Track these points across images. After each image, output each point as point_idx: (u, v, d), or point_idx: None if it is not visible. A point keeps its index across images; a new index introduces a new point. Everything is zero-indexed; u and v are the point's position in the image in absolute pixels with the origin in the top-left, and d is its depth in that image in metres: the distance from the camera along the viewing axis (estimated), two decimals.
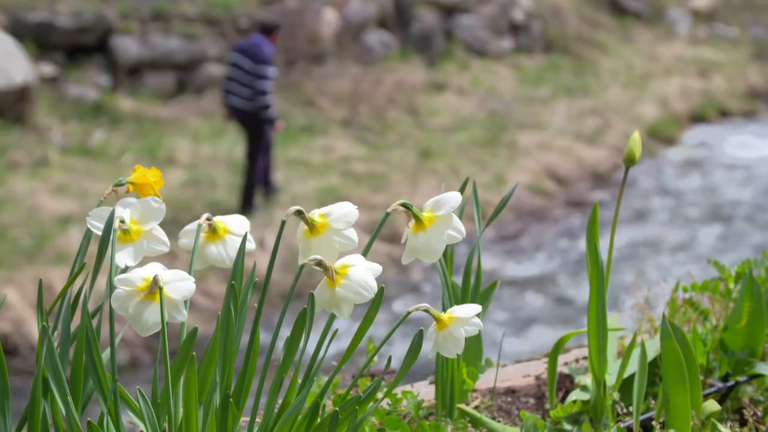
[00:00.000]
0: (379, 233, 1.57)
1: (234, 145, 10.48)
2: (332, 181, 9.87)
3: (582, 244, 7.08)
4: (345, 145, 11.16)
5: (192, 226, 1.59)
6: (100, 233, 1.48)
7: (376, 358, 1.95)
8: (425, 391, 2.03)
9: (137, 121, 10.92)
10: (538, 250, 8.92)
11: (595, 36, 17.71)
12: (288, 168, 10.12)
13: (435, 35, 15.06)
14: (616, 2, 19.34)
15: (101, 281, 1.47)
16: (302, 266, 1.47)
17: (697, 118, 14.63)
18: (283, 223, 1.49)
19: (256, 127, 9.05)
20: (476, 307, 1.52)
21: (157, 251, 1.58)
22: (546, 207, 10.14)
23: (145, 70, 11.73)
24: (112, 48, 11.63)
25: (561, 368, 2.11)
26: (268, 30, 9.27)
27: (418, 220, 1.51)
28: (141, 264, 1.49)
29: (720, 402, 1.93)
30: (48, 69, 11.14)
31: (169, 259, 6.24)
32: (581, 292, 7.34)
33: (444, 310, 1.54)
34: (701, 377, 1.89)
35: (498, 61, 15.75)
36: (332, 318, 1.53)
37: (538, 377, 2.15)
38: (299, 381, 1.53)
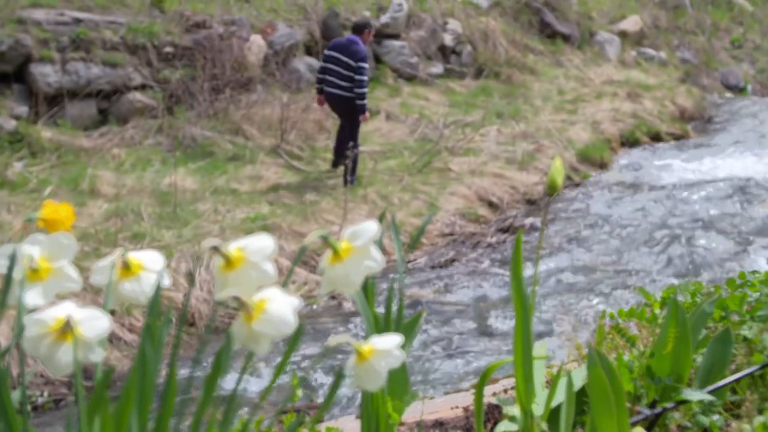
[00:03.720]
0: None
1: (160, 175, 10.35)
2: (261, 210, 9.77)
3: None
4: (274, 173, 11.09)
5: (105, 263, 1.53)
6: (5, 272, 1.42)
7: (300, 393, 1.90)
8: (351, 426, 1.99)
9: (58, 151, 10.70)
10: (471, 277, 8.89)
11: (526, 60, 17.90)
12: (215, 197, 10.01)
13: None
14: (546, 26, 19.59)
15: (11, 320, 1.42)
16: (220, 302, 1.43)
17: (629, 141, 14.82)
18: (199, 258, 1.44)
19: (352, 111, 10.67)
20: (397, 339, 1.48)
21: (68, 289, 1.52)
22: (479, 233, 10.14)
23: (65, 99, 11.44)
24: (30, 76, 11.36)
25: (490, 398, 2.09)
26: (360, 29, 10.91)
27: (335, 252, 1.47)
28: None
29: (648, 429, 1.91)
30: None
31: (93, 295, 6.13)
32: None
33: None
34: (629, 404, 1.88)
35: (428, 86, 15.82)
36: (251, 354, 1.48)
37: (466, 408, 2.12)
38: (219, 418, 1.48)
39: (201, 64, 12.48)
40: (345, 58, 10.60)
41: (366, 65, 10.63)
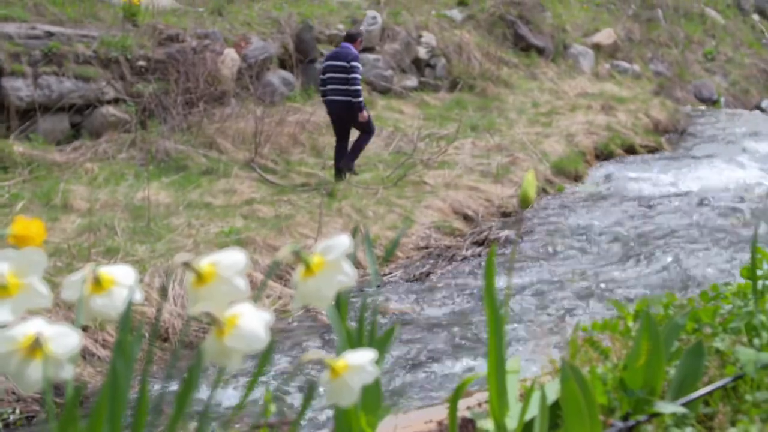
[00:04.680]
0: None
1: (133, 189, 10.29)
2: (236, 224, 9.73)
3: None
4: (248, 187, 11.06)
5: (75, 278, 1.51)
6: None
7: (273, 408, 1.89)
8: None
9: (30, 166, 10.61)
10: (447, 291, 8.88)
11: (500, 73, 17.98)
12: (189, 212, 9.96)
13: None
14: (520, 38, 19.69)
15: None
16: (192, 316, 1.42)
17: (603, 153, 14.92)
18: (172, 274, 1.43)
19: (354, 114, 11.34)
20: (370, 354, 1.48)
21: (38, 305, 1.50)
22: (454, 246, 10.13)
23: (38, 113, 11.33)
24: (2, 90, 11.22)
25: (464, 412, 2.08)
26: (352, 38, 11.73)
27: (307, 266, 1.47)
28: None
29: None
30: None
31: (65, 310, 6.08)
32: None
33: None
34: (602, 417, 1.88)
35: (403, 99, 15.86)
36: (224, 369, 1.47)
37: (440, 423, 2.11)
38: None
39: (174, 77, 12.43)
40: (339, 62, 11.34)
41: (359, 65, 11.38)
